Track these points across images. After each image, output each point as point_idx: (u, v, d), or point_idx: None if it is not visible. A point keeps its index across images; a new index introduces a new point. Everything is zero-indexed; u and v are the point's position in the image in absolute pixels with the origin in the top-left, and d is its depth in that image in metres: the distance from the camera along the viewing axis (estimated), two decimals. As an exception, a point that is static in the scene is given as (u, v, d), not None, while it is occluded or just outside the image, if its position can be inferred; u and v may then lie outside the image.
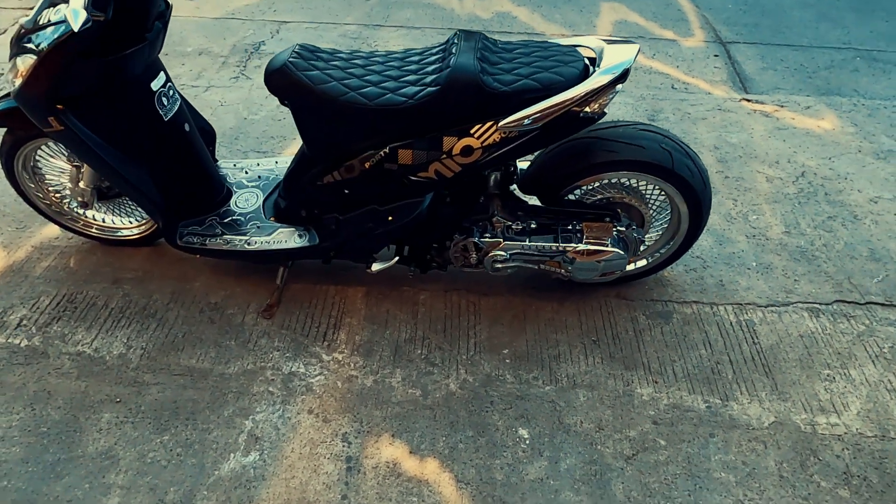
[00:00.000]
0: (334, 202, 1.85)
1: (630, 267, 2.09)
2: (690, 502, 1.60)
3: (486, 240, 1.85)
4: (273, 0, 4.19)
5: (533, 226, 1.88)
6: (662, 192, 1.91)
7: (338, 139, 1.71)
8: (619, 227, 1.84)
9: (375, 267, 1.92)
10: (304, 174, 1.84)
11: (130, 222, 2.23)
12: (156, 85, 1.76)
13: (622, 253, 1.82)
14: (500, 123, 1.58)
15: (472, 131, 1.62)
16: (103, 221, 2.22)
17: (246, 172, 2.20)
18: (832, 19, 4.16)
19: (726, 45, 3.81)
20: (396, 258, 1.93)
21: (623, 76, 1.57)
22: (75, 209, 2.18)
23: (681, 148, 1.79)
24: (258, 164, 2.23)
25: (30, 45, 1.55)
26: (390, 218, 1.82)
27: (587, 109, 1.60)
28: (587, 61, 1.66)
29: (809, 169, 2.78)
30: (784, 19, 4.15)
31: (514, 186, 1.94)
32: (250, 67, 3.46)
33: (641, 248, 1.97)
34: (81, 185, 1.97)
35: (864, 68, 3.59)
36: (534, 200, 1.99)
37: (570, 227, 1.85)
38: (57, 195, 2.16)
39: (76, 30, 1.34)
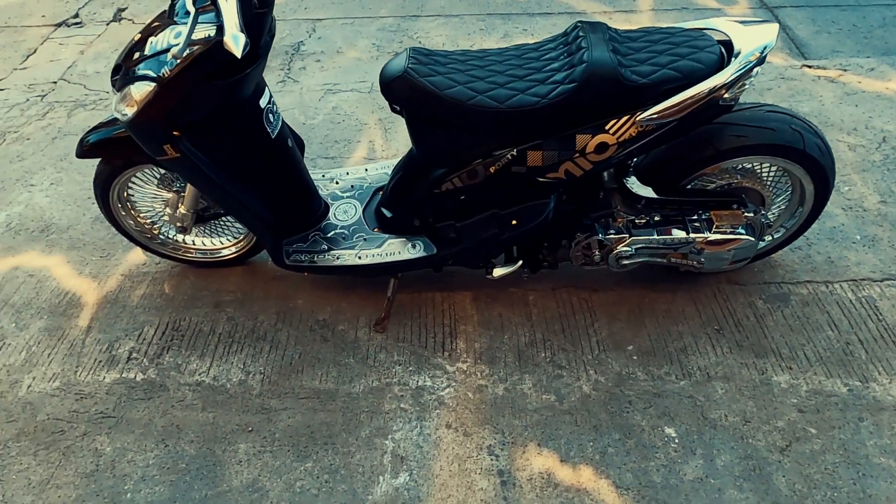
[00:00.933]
0: (451, 209, 1.79)
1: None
2: (857, 491, 1.57)
3: (612, 236, 1.79)
4: (302, -3, 4.08)
5: (657, 218, 1.82)
6: (785, 174, 1.85)
7: (462, 145, 1.64)
8: (747, 213, 1.78)
9: (497, 272, 1.86)
10: (418, 182, 1.77)
11: (223, 242, 2.16)
12: (263, 102, 1.68)
13: (752, 239, 1.77)
14: (640, 117, 1.52)
15: (607, 127, 1.55)
16: (193, 244, 2.16)
17: (337, 183, 2.13)
18: (874, -25, 4.06)
19: (773, 11, 3.72)
20: (520, 261, 1.87)
21: (763, 59, 1.51)
22: (168, 234, 2.12)
23: (810, 128, 1.73)
24: (347, 174, 2.16)
25: (145, 72, 1.47)
26: (514, 222, 1.76)
27: (726, 96, 1.53)
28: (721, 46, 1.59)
29: (890, 134, 2.72)
30: (825, -21, 4.05)
31: (632, 178, 1.88)
32: (295, 69, 3.37)
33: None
34: (181, 210, 1.90)
35: (919, 24, 3.51)
36: (645, 191, 1.92)
37: (696, 217, 1.80)
38: (148, 221, 2.09)
39: (239, 55, 1.27)
